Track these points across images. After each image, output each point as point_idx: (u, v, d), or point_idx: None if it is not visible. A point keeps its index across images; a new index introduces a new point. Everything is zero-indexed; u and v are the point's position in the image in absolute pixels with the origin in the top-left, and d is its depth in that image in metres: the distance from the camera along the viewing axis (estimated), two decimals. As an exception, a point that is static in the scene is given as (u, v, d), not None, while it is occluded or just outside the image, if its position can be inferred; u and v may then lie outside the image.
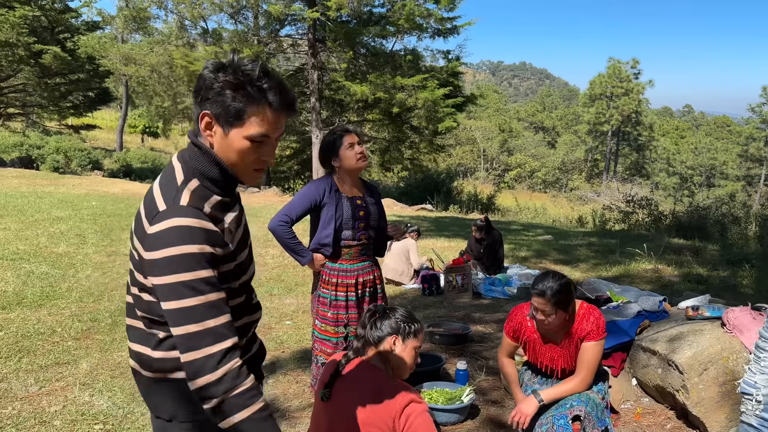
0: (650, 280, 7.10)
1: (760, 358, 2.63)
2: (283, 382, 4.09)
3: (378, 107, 17.64)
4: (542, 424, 2.81)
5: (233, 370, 1.35)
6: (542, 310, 2.73)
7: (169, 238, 1.35)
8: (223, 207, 1.48)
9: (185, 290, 1.35)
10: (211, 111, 1.42)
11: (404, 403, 2.00)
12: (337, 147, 3.04)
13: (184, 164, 1.48)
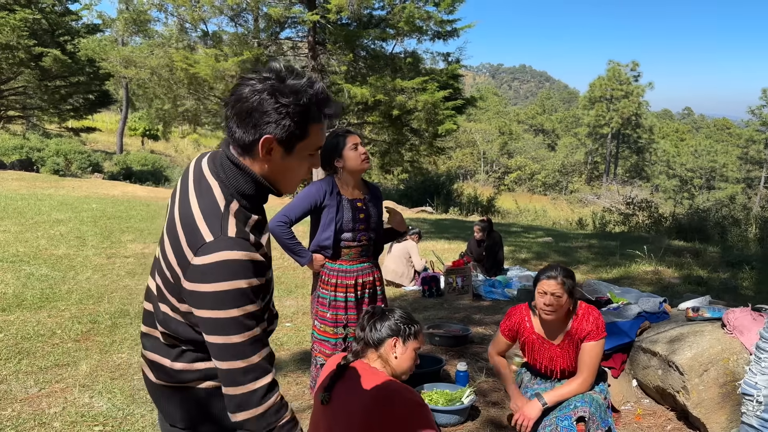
0: (650, 281, 7.10)
1: (761, 359, 2.62)
2: (283, 384, 4.08)
3: (378, 109, 17.63)
4: (545, 426, 2.81)
5: (276, 405, 1.38)
6: (553, 292, 2.78)
7: (218, 273, 1.32)
8: (260, 227, 1.46)
9: (233, 326, 1.33)
10: (275, 136, 1.38)
11: (408, 405, 2.00)
12: (340, 148, 3.04)
13: (221, 183, 1.43)
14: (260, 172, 1.44)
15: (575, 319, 2.90)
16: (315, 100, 1.40)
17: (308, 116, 1.39)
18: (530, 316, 2.99)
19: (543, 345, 2.96)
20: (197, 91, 17.78)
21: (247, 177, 1.43)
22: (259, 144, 1.38)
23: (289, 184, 1.49)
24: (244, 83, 1.39)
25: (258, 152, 1.40)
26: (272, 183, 1.47)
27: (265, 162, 1.42)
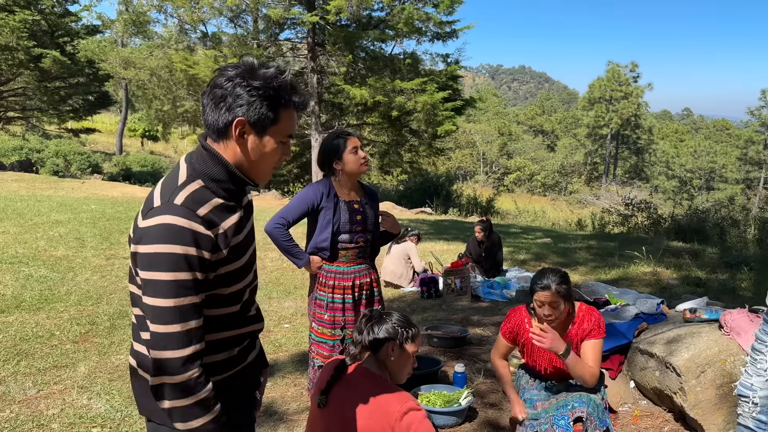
0: (649, 283, 7.10)
1: (757, 360, 2.62)
2: (281, 385, 4.09)
3: (377, 111, 17.67)
4: (542, 423, 2.81)
5: (191, 380, 1.38)
6: (549, 303, 2.76)
7: (156, 235, 1.37)
8: (224, 210, 1.48)
9: (163, 289, 1.36)
10: (247, 118, 1.45)
11: (404, 410, 1.98)
12: (341, 150, 3.04)
13: (190, 165, 1.50)
14: (233, 158, 1.49)
15: (575, 321, 2.90)
16: (285, 86, 1.48)
17: (279, 101, 1.47)
18: (529, 318, 2.99)
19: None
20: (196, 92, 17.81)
21: (216, 161, 1.48)
22: (233, 126, 1.45)
23: (262, 171, 1.54)
24: (219, 74, 1.47)
25: (231, 135, 1.46)
26: (246, 171, 1.52)
27: (238, 146, 1.48)
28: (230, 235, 1.48)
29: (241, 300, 1.58)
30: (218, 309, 1.51)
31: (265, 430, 3.45)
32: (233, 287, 1.53)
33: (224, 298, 1.52)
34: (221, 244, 1.45)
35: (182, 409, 1.38)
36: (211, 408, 1.42)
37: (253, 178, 1.54)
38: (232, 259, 1.50)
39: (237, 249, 1.52)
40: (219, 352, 1.55)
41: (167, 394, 1.38)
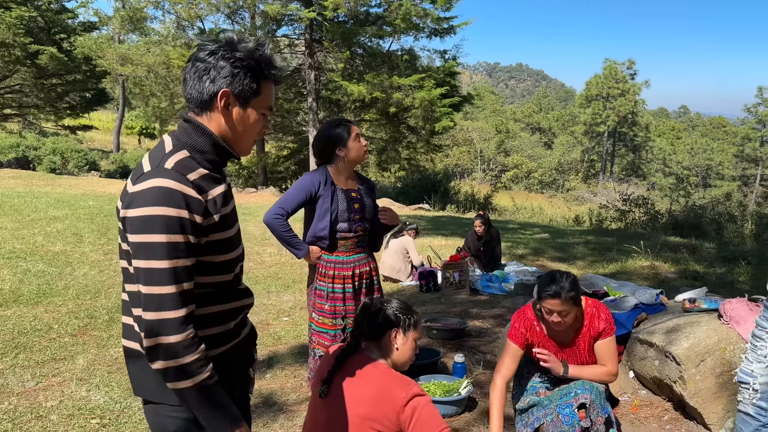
0: (647, 276, 7.12)
1: (757, 347, 2.62)
2: (281, 377, 4.09)
3: (375, 107, 17.65)
4: (546, 415, 2.81)
5: (186, 340, 1.38)
6: (559, 311, 2.72)
7: (148, 198, 1.38)
8: (210, 180, 1.50)
9: (157, 251, 1.37)
10: (231, 89, 1.47)
11: (408, 396, 1.97)
12: (345, 138, 3.03)
13: (174, 138, 1.52)
14: (217, 130, 1.51)
15: (585, 321, 2.88)
16: (265, 58, 1.51)
17: (261, 72, 1.50)
18: (537, 321, 2.96)
19: (555, 348, 2.94)
20: (194, 88, 17.74)
21: (200, 132, 1.50)
22: (218, 97, 1.47)
23: (244, 143, 1.58)
24: (200, 49, 1.50)
25: (216, 106, 1.49)
26: (229, 142, 1.54)
27: (222, 117, 1.50)
28: (219, 203, 1.50)
29: (233, 270, 1.59)
30: (212, 276, 1.52)
31: (265, 420, 3.44)
32: (225, 256, 1.54)
33: (217, 266, 1.52)
34: (212, 209, 1.47)
35: (179, 368, 1.38)
36: (207, 365, 1.43)
37: (236, 150, 1.56)
38: (222, 227, 1.51)
39: (226, 219, 1.53)
40: (216, 325, 1.55)
41: (163, 354, 1.38)
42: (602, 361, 2.88)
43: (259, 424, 3.40)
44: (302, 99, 19.32)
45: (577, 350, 2.92)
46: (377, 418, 1.98)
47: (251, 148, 1.62)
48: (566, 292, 2.69)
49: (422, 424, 1.96)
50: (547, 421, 2.78)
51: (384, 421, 1.98)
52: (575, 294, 2.72)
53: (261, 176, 21.43)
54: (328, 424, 2.08)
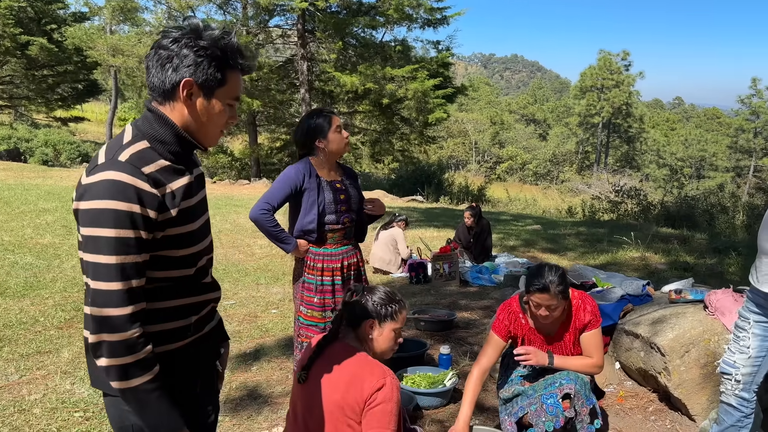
0: (637, 267, 7.12)
1: (740, 338, 2.62)
2: (267, 369, 4.07)
3: (368, 98, 17.58)
4: (531, 404, 2.81)
5: (130, 339, 1.35)
6: (547, 305, 2.71)
7: (99, 190, 1.34)
8: (171, 172, 1.45)
9: (102, 246, 1.33)
10: (195, 79, 1.43)
11: (376, 387, 1.97)
12: (326, 129, 2.98)
13: (135, 128, 1.47)
14: (181, 120, 1.48)
15: (572, 313, 2.88)
16: (231, 47, 1.47)
17: (226, 62, 1.46)
18: (523, 313, 2.96)
19: (541, 341, 2.94)
20: (186, 79, 17.63)
21: (162, 122, 1.46)
22: (180, 86, 1.43)
23: (209, 134, 1.53)
24: (164, 36, 1.45)
25: (179, 96, 1.44)
26: (193, 133, 1.50)
27: (185, 107, 1.46)
28: (179, 196, 1.45)
29: (195, 264, 1.55)
30: (170, 271, 1.48)
31: (250, 412, 3.43)
32: (185, 250, 1.50)
33: (176, 260, 1.48)
34: (168, 203, 1.42)
35: (121, 368, 1.35)
36: (151, 368, 1.39)
37: (200, 141, 1.52)
38: (182, 222, 1.46)
39: (188, 212, 1.48)
40: (176, 319, 1.52)
41: (106, 351, 1.34)
42: (588, 352, 2.87)
43: (244, 416, 3.39)
44: (295, 90, 19.22)
45: (562, 343, 2.91)
46: (350, 405, 1.99)
47: (218, 139, 1.57)
48: (555, 286, 2.67)
49: (372, 414, 1.96)
50: (531, 410, 2.77)
51: (355, 408, 1.98)
52: (564, 288, 2.71)
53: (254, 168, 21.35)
54: (308, 412, 2.09)
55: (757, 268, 2.51)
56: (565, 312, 2.86)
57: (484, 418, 3.40)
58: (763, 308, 2.54)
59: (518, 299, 2.97)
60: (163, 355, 1.48)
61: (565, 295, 2.74)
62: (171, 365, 1.49)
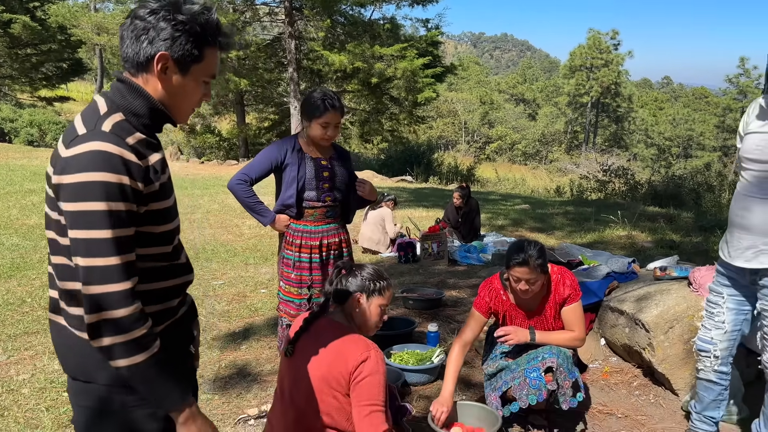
0: (623, 245, 7.19)
1: (714, 314, 2.66)
2: (256, 348, 4.09)
3: (357, 77, 17.45)
4: (514, 378, 2.85)
5: (135, 313, 1.31)
6: (527, 279, 2.75)
7: (85, 163, 1.27)
8: (147, 146, 1.41)
9: (97, 220, 1.27)
10: (170, 53, 1.39)
11: (361, 359, 1.99)
12: (314, 115, 2.96)
13: (107, 99, 1.41)
14: (154, 94, 1.43)
15: (552, 288, 2.92)
16: (210, 24, 1.42)
17: (204, 38, 1.42)
18: (504, 290, 2.99)
19: (522, 316, 2.97)
20: (172, 58, 17.41)
21: (137, 94, 1.41)
22: (155, 60, 1.38)
23: (182, 110, 1.49)
24: (141, 6, 1.40)
25: (153, 69, 1.39)
26: (165, 107, 1.45)
27: (159, 82, 1.41)
28: (159, 169, 1.42)
29: (172, 241, 1.51)
30: (150, 248, 1.43)
31: (239, 390, 3.46)
32: (163, 226, 1.46)
33: (156, 237, 1.44)
34: (152, 176, 1.39)
35: (126, 344, 1.30)
36: (154, 341, 1.36)
37: (173, 116, 1.48)
38: (163, 196, 1.43)
39: (165, 187, 1.45)
40: (157, 303, 1.47)
41: (110, 330, 1.29)
42: (569, 326, 2.92)
43: (233, 395, 3.41)
44: (283, 69, 19.04)
45: (544, 317, 2.95)
46: (335, 378, 2.01)
47: (189, 116, 1.54)
48: (534, 260, 2.71)
49: (359, 388, 1.98)
50: (514, 384, 2.82)
51: (340, 380, 2.01)
52: (542, 262, 2.75)
53: (242, 148, 21.22)
54: (294, 385, 2.11)
55: (729, 243, 2.55)
56: (545, 287, 2.90)
57: (471, 393, 3.45)
58: (735, 282, 2.58)
59: (499, 276, 3.01)
60: None
61: (544, 268, 2.78)
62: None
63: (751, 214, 2.41)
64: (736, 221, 2.48)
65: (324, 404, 2.02)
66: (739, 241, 2.47)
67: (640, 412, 3.29)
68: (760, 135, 2.40)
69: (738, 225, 2.47)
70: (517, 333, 2.84)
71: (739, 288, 2.57)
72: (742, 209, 2.45)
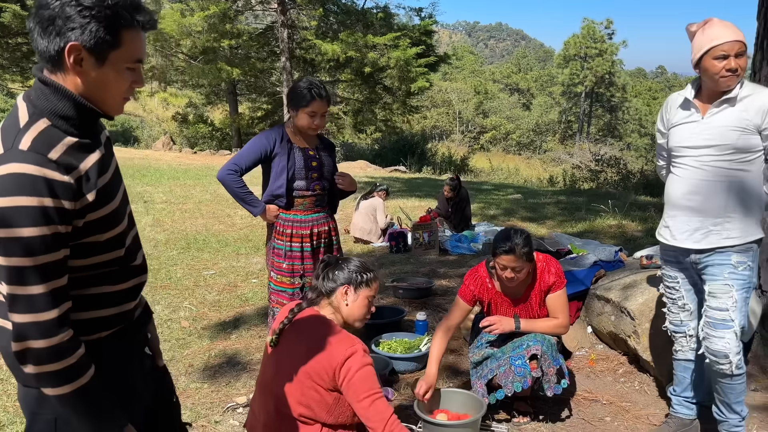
0: (614, 235, 7.23)
1: (675, 298, 2.76)
2: (246, 337, 4.12)
3: (350, 67, 17.42)
4: (500, 366, 2.89)
5: (62, 343, 1.25)
6: (513, 267, 2.78)
7: (3, 187, 1.18)
8: (80, 149, 1.31)
9: (14, 247, 1.19)
10: (81, 42, 1.25)
11: (346, 355, 2.00)
12: (300, 105, 2.96)
13: (30, 104, 1.30)
14: (75, 89, 1.31)
15: (537, 276, 2.95)
16: (124, 4, 1.28)
17: (118, 20, 1.27)
18: (490, 278, 3.02)
19: (508, 304, 3.01)
20: (163, 47, 17.32)
21: (60, 94, 1.29)
22: (65, 53, 1.26)
23: (111, 102, 1.37)
24: None
25: (66, 64, 1.27)
26: (94, 103, 1.34)
27: (77, 76, 1.29)
28: (94, 176, 1.32)
29: (123, 244, 1.43)
30: (98, 256, 1.37)
31: (228, 379, 3.49)
32: (110, 232, 1.38)
33: (103, 245, 1.37)
34: (84, 188, 1.29)
35: (52, 374, 1.25)
36: (84, 372, 1.29)
37: (103, 110, 1.36)
38: (101, 203, 1.34)
39: (105, 191, 1.35)
40: (107, 306, 1.41)
41: (34, 359, 1.23)
42: (554, 313, 2.95)
43: (222, 383, 3.44)
44: (275, 58, 18.97)
45: (529, 304, 2.98)
46: (318, 373, 2.02)
47: (122, 106, 1.41)
48: (520, 248, 2.74)
49: (353, 385, 1.98)
50: (499, 372, 2.85)
51: (323, 376, 2.02)
52: (528, 250, 2.78)
53: (235, 138, 21.16)
54: (277, 375, 2.13)
55: (672, 227, 2.61)
56: (530, 275, 2.93)
57: (458, 381, 3.49)
58: (680, 263, 2.67)
59: (486, 264, 3.04)
60: (94, 343, 1.38)
61: (529, 257, 2.80)
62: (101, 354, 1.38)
63: (700, 197, 2.50)
64: (682, 204, 2.56)
65: (305, 396, 2.04)
66: (686, 224, 2.56)
67: (624, 398, 3.34)
68: (689, 125, 2.55)
69: (686, 208, 2.55)
70: (502, 322, 2.88)
71: (685, 270, 2.68)
72: (689, 193, 2.53)
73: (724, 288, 2.48)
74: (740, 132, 2.41)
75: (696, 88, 2.61)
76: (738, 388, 2.55)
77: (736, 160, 2.44)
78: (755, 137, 2.42)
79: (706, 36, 2.45)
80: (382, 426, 1.95)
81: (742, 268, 2.48)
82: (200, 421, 3.02)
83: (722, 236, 2.48)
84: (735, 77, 2.41)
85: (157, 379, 1.66)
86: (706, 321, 2.54)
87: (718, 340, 2.49)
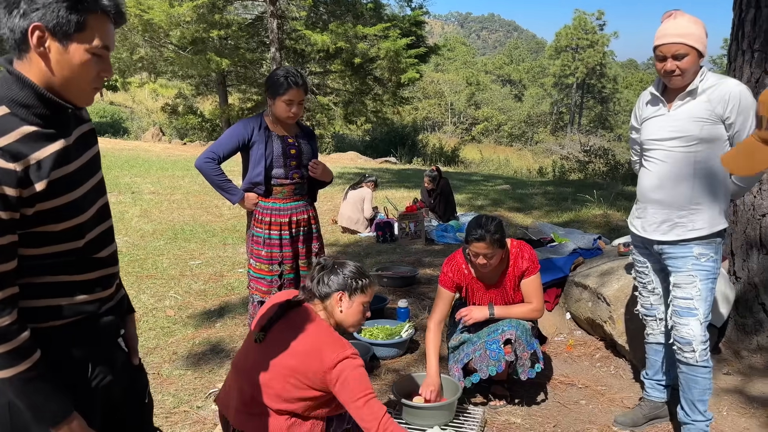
0: (599, 224, 7.31)
1: (645, 283, 2.83)
2: (230, 325, 4.17)
3: (340, 58, 17.38)
4: (475, 350, 2.95)
5: (2, 327, 1.26)
6: (484, 254, 2.83)
7: None
8: (39, 138, 1.31)
9: None
10: (44, 23, 1.26)
11: (337, 359, 2.00)
12: (277, 93, 2.98)
13: None
14: (40, 76, 1.32)
15: (510, 261, 3.01)
16: None
17: (82, 3, 1.28)
18: (466, 263, 3.08)
19: (483, 289, 3.07)
20: (152, 38, 17.22)
21: (22, 84, 1.30)
22: (29, 33, 1.26)
23: (78, 90, 1.37)
24: None
25: (31, 47, 1.28)
26: (60, 90, 1.34)
27: (41, 60, 1.30)
28: (48, 166, 1.31)
29: (82, 237, 1.42)
30: (50, 246, 1.36)
31: (212, 366, 3.53)
32: (66, 223, 1.37)
33: (57, 235, 1.37)
34: (33, 177, 1.28)
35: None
36: (28, 356, 1.30)
37: (70, 99, 1.36)
38: (56, 193, 1.33)
39: (63, 182, 1.35)
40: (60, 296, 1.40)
41: None
42: (528, 298, 3.02)
43: (206, 370, 3.49)
44: (265, 49, 18.90)
45: (503, 289, 3.04)
46: (304, 373, 2.03)
47: (91, 96, 1.41)
48: (491, 235, 2.80)
49: (347, 387, 1.99)
50: (475, 356, 2.92)
51: (310, 376, 2.02)
52: (500, 236, 2.83)
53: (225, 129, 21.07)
54: (256, 367, 2.11)
55: (643, 218, 2.68)
56: (504, 261, 2.99)
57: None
58: (650, 252, 2.74)
59: (462, 251, 3.10)
60: (47, 330, 1.38)
61: (501, 243, 2.86)
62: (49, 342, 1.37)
63: (665, 191, 2.56)
64: (651, 197, 2.63)
65: (286, 391, 2.04)
66: (654, 216, 2.62)
67: (600, 382, 3.41)
68: (658, 118, 2.60)
69: (654, 201, 2.61)
70: (473, 312, 2.95)
71: (652, 258, 2.76)
72: (657, 187, 2.59)
73: (688, 278, 2.54)
74: (703, 123, 2.46)
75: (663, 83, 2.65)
76: (702, 382, 2.58)
77: (701, 151, 2.48)
78: (719, 127, 2.47)
79: (657, 33, 2.49)
80: (376, 425, 1.97)
81: (705, 259, 2.53)
82: (183, 406, 3.07)
83: (687, 228, 2.53)
84: (678, 78, 2.45)
85: (129, 376, 1.66)
86: (673, 309, 2.61)
87: (682, 327, 2.56)
